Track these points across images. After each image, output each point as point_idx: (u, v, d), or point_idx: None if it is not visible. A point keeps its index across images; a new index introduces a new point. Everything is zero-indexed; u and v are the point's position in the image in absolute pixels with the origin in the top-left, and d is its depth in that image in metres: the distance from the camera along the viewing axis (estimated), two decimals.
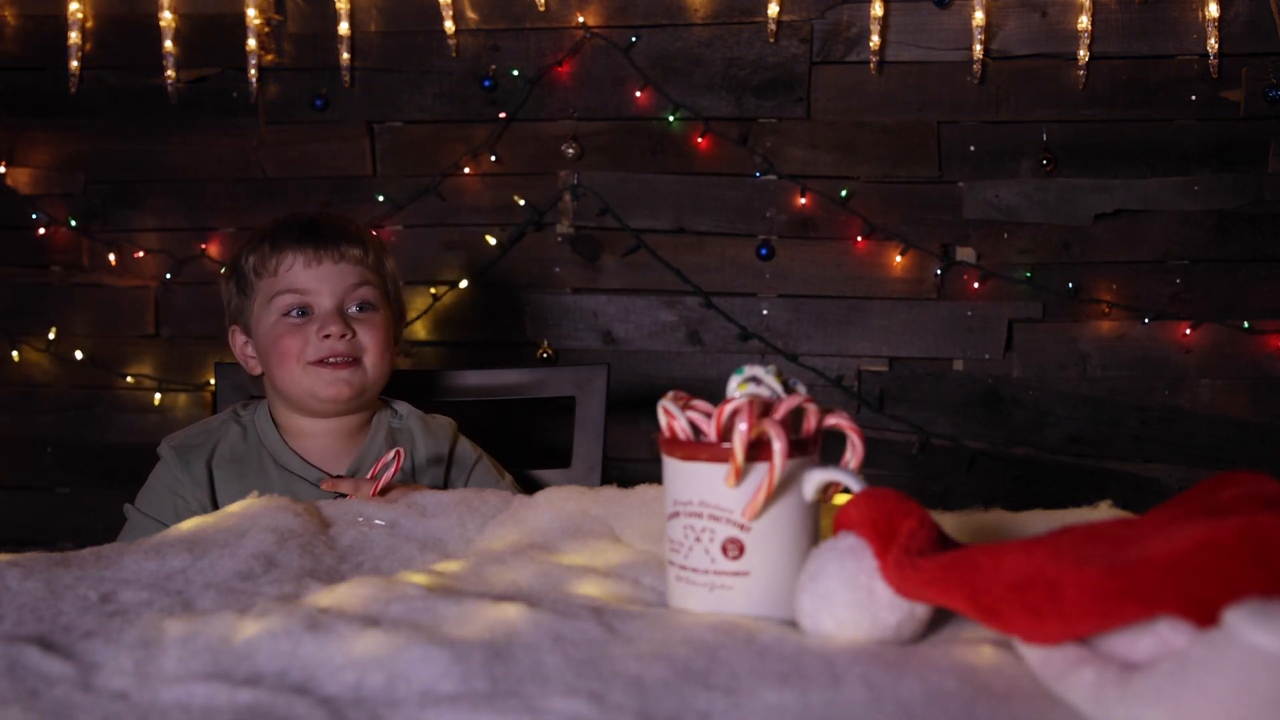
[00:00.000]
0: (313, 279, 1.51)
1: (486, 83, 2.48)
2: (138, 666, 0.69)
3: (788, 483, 0.80)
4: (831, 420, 0.84)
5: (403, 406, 1.63)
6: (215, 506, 1.48)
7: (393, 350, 1.57)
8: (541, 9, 2.46)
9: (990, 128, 2.40)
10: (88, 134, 2.62)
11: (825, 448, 0.84)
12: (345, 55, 2.51)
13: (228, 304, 1.61)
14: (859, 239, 2.42)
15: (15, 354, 2.66)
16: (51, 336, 2.64)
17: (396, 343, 1.61)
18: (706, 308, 2.47)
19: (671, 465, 0.83)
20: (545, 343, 2.51)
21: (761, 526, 0.80)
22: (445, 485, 1.59)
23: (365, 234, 1.58)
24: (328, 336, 1.49)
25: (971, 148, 2.40)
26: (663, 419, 0.83)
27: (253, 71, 2.52)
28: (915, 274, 2.42)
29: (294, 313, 1.51)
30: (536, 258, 2.52)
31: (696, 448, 0.81)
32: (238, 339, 1.60)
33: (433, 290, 2.53)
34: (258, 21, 2.51)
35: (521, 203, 2.50)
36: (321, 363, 1.49)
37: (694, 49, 2.45)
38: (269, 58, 2.55)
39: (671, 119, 2.45)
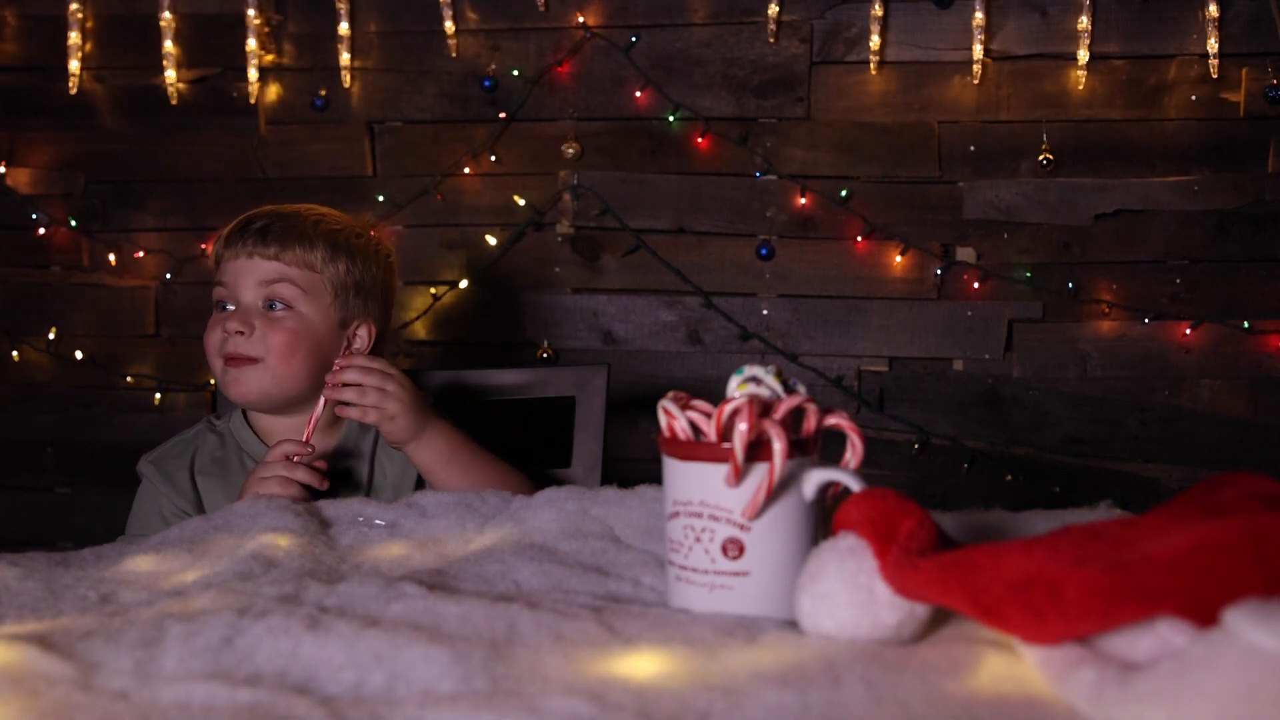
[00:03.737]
0: (231, 273, 1.50)
1: (486, 83, 2.48)
2: (138, 666, 0.69)
3: (788, 483, 0.80)
4: (831, 420, 0.84)
5: None
6: (201, 512, 1.48)
7: (311, 354, 1.50)
8: (541, 9, 2.46)
9: (990, 128, 2.40)
10: (88, 134, 2.62)
11: (825, 448, 0.84)
12: (345, 55, 2.51)
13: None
14: (859, 239, 2.42)
15: (15, 354, 2.66)
16: (51, 336, 2.64)
17: (360, 346, 1.56)
18: (706, 308, 2.47)
19: (671, 465, 0.83)
20: (545, 343, 2.51)
21: (761, 526, 0.80)
22: None
23: (304, 229, 1.51)
24: (228, 332, 1.48)
25: (971, 148, 2.40)
26: (663, 419, 0.83)
27: (253, 71, 2.52)
28: (915, 274, 2.42)
29: (220, 306, 1.51)
30: (536, 258, 2.52)
31: (696, 448, 0.81)
32: None
33: (433, 290, 2.53)
34: (258, 21, 2.51)
35: (521, 203, 2.50)
36: (228, 359, 1.49)
37: (694, 49, 2.45)
38: (269, 58, 2.55)
39: (671, 119, 2.45)
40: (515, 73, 2.48)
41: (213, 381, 2.46)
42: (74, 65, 2.57)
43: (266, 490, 1.34)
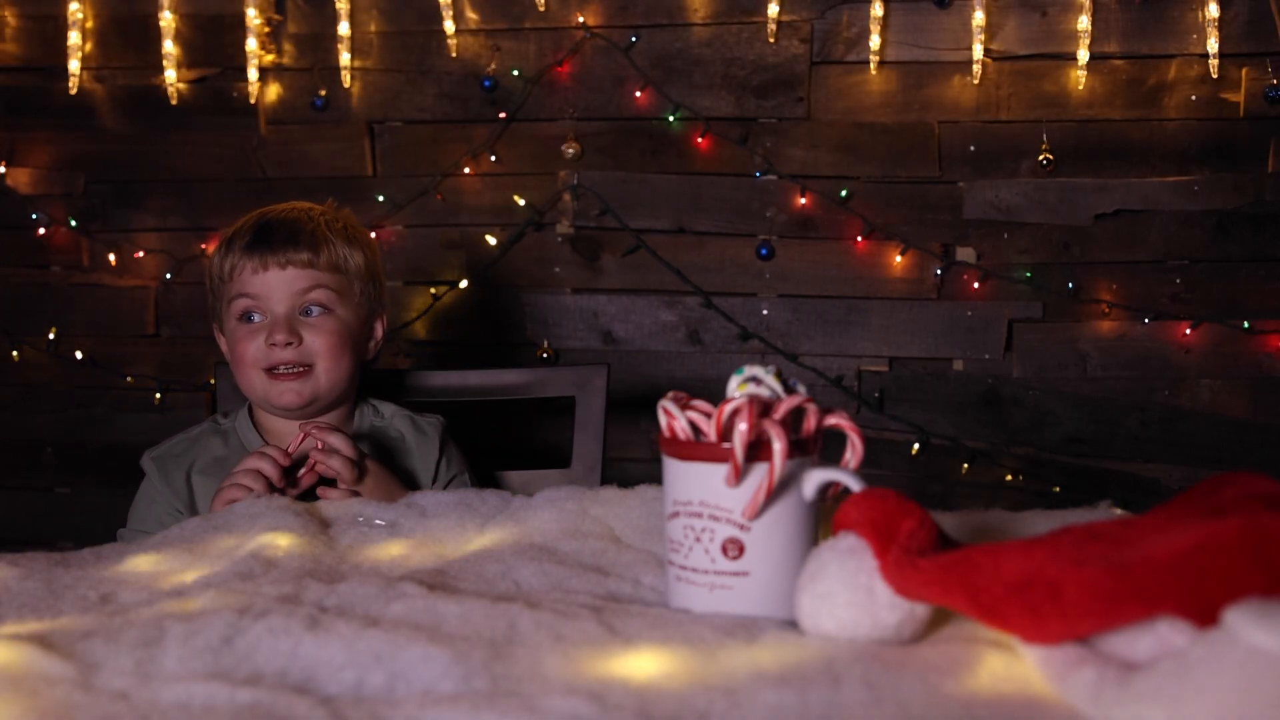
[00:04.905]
0: (260, 285, 1.49)
1: (486, 83, 2.48)
2: (138, 666, 0.69)
3: (788, 483, 0.80)
4: (831, 420, 0.83)
5: (386, 407, 1.62)
6: (193, 513, 1.49)
7: (352, 351, 1.53)
8: (541, 9, 2.46)
9: (990, 128, 2.40)
10: (88, 134, 2.62)
11: (825, 448, 0.84)
12: (345, 55, 2.51)
13: (209, 303, 1.61)
14: (859, 239, 2.42)
15: (15, 354, 2.66)
16: (51, 336, 2.64)
17: (370, 339, 1.59)
18: (706, 308, 2.47)
19: (671, 465, 0.83)
20: (545, 343, 2.51)
21: (761, 526, 0.80)
22: (435, 478, 1.59)
23: (320, 232, 1.52)
24: (274, 344, 1.48)
25: (971, 148, 2.40)
26: (663, 419, 0.83)
27: (253, 71, 2.52)
28: (915, 274, 2.42)
29: (247, 317, 1.51)
30: (536, 258, 2.52)
31: (696, 448, 0.81)
32: (219, 337, 1.60)
33: (433, 290, 2.53)
34: (258, 21, 2.51)
35: (521, 203, 2.50)
36: (273, 370, 1.49)
37: (694, 49, 2.45)
38: (269, 58, 2.55)
39: (671, 119, 2.45)
40: (515, 73, 2.48)
41: (212, 381, 2.46)
42: (74, 65, 2.57)
43: (236, 482, 1.34)
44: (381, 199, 2.52)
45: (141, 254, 2.61)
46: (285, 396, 1.49)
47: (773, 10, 2.40)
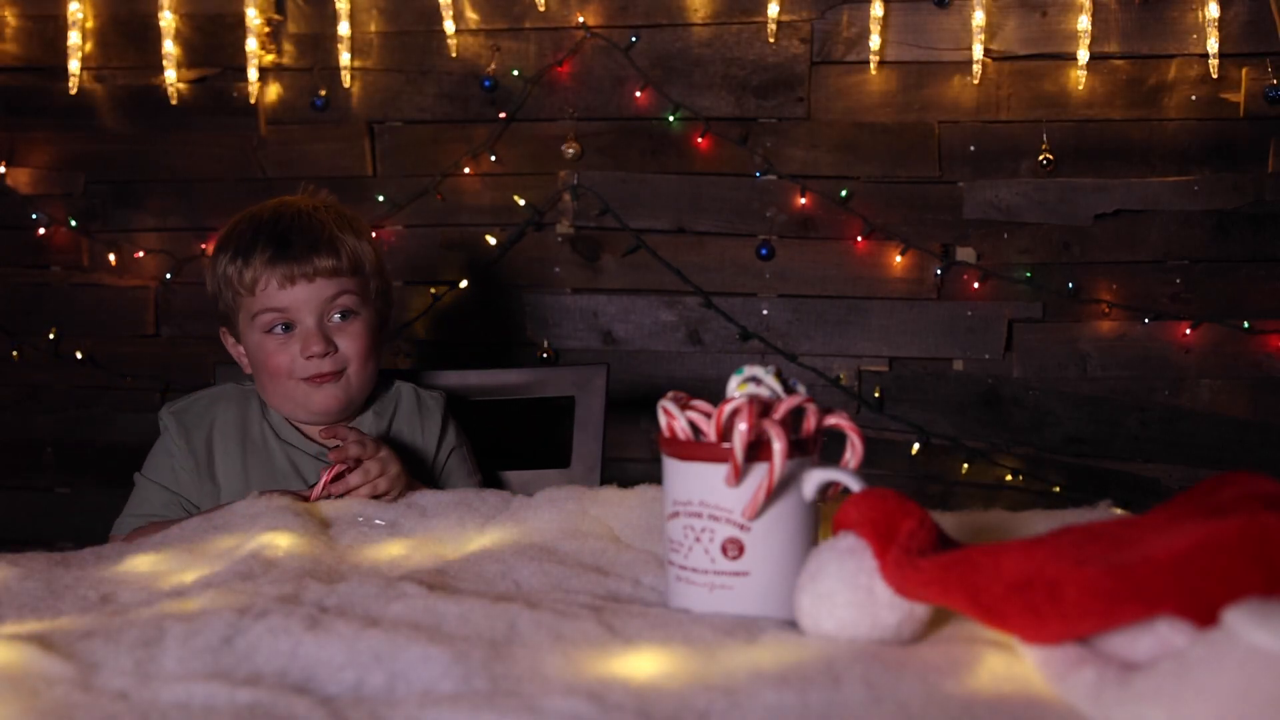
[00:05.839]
0: (289, 298, 1.47)
1: (486, 83, 2.48)
2: (138, 666, 0.69)
3: (788, 483, 0.80)
4: (831, 420, 0.84)
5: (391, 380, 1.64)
6: (211, 476, 1.49)
7: (377, 351, 1.54)
8: (541, 9, 2.46)
9: (990, 128, 2.40)
10: (88, 134, 2.62)
11: (825, 448, 0.84)
12: (345, 55, 2.51)
13: (214, 303, 1.57)
14: (859, 239, 2.42)
15: (15, 354, 2.66)
16: (51, 336, 2.64)
17: (384, 328, 1.58)
18: (706, 308, 2.47)
19: (671, 465, 0.83)
20: (545, 343, 2.51)
21: (761, 526, 0.80)
22: (435, 455, 1.60)
23: (334, 233, 1.50)
24: (312, 356, 1.47)
25: (971, 148, 2.40)
26: (663, 419, 0.83)
27: (253, 71, 2.52)
28: (915, 274, 2.42)
29: (277, 328, 1.49)
30: (536, 258, 2.52)
31: (696, 448, 0.81)
32: (228, 340, 1.59)
33: (433, 290, 2.53)
34: (258, 21, 2.51)
35: (521, 203, 2.50)
36: (310, 379, 1.49)
37: (694, 49, 2.45)
38: (269, 58, 2.55)
39: (671, 119, 2.45)
40: (515, 73, 2.48)
41: (213, 381, 2.46)
42: (74, 65, 2.57)
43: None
44: (381, 199, 2.52)
45: (141, 254, 2.61)
46: (324, 402, 1.49)
47: (773, 10, 2.40)
